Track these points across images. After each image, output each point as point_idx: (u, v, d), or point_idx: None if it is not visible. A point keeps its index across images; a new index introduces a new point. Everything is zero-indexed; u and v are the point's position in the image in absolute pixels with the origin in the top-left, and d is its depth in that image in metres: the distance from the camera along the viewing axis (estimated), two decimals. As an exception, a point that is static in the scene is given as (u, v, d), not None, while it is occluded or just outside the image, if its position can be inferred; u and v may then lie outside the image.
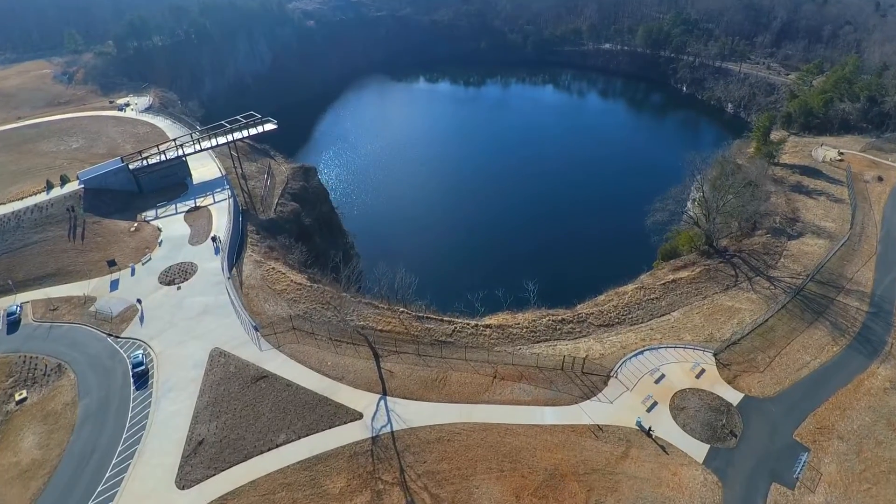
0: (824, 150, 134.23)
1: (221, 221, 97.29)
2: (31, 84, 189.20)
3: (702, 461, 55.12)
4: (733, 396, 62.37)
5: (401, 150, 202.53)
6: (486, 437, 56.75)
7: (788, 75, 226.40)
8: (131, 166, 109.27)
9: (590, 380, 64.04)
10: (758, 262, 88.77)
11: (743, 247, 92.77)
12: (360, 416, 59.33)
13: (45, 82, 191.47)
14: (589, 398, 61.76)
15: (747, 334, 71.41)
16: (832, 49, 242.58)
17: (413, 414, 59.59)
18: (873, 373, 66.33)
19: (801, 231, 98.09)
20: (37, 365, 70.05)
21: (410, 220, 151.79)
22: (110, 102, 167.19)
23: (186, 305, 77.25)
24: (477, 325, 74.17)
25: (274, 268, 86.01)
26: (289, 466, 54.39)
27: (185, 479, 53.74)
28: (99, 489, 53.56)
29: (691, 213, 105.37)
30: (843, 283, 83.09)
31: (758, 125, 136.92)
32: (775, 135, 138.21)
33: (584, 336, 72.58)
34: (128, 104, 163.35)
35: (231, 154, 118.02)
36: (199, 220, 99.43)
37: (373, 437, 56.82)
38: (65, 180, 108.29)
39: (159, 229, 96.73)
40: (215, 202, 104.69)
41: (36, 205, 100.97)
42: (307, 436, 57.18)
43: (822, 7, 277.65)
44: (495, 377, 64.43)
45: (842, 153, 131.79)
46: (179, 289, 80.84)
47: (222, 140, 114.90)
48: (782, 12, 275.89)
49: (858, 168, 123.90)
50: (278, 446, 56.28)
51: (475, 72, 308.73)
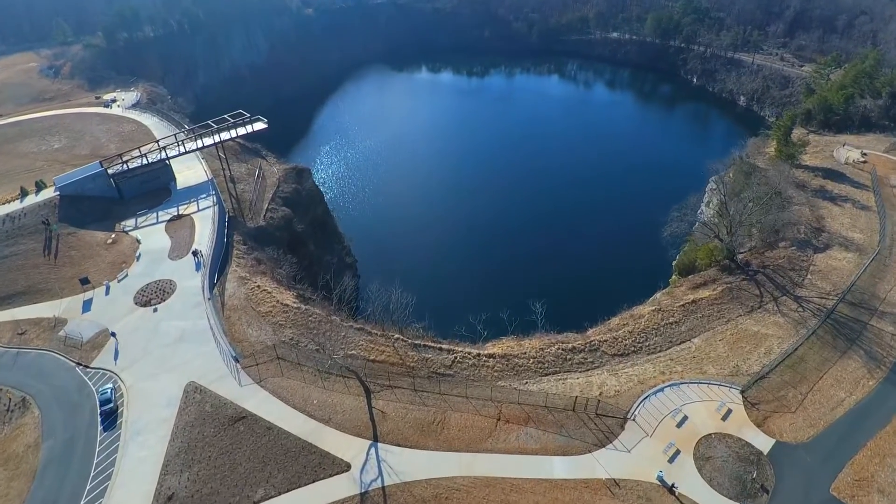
0: (846, 151, 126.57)
1: (205, 232, 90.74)
2: (16, 79, 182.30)
3: (731, 524, 48.85)
4: (764, 442, 55.90)
5: (400, 145, 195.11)
6: (488, 495, 50.33)
7: (803, 67, 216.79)
8: (111, 171, 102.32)
9: (605, 423, 57.49)
10: (783, 278, 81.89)
11: (766, 261, 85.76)
12: (348, 467, 53.03)
13: (31, 77, 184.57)
14: (604, 445, 55.23)
15: (776, 367, 64.80)
16: (847, 40, 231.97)
17: (407, 465, 53.24)
18: (914, 411, 59.72)
19: (827, 243, 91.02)
20: (0, 398, 64.38)
21: (410, 220, 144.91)
22: (96, 98, 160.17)
23: (162, 331, 70.95)
24: (479, 354, 67.53)
25: (260, 286, 79.42)
26: (267, 529, 48.35)
27: (152, 543, 47.76)
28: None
29: (705, 220, 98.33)
30: (875, 304, 76.19)
31: (778, 124, 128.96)
32: (795, 133, 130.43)
33: (598, 367, 66.02)
34: (114, 100, 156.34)
35: (219, 155, 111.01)
36: (181, 230, 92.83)
37: (361, 494, 50.57)
38: (40, 186, 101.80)
39: (138, 241, 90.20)
40: (200, 210, 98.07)
41: (8, 214, 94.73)
42: (288, 491, 50.97)
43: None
44: (499, 419, 58.02)
45: (865, 154, 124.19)
46: (156, 311, 74.49)
47: (208, 142, 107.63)
48: (795, 1, 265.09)
49: (883, 171, 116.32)
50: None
51: (478, 62, 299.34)
